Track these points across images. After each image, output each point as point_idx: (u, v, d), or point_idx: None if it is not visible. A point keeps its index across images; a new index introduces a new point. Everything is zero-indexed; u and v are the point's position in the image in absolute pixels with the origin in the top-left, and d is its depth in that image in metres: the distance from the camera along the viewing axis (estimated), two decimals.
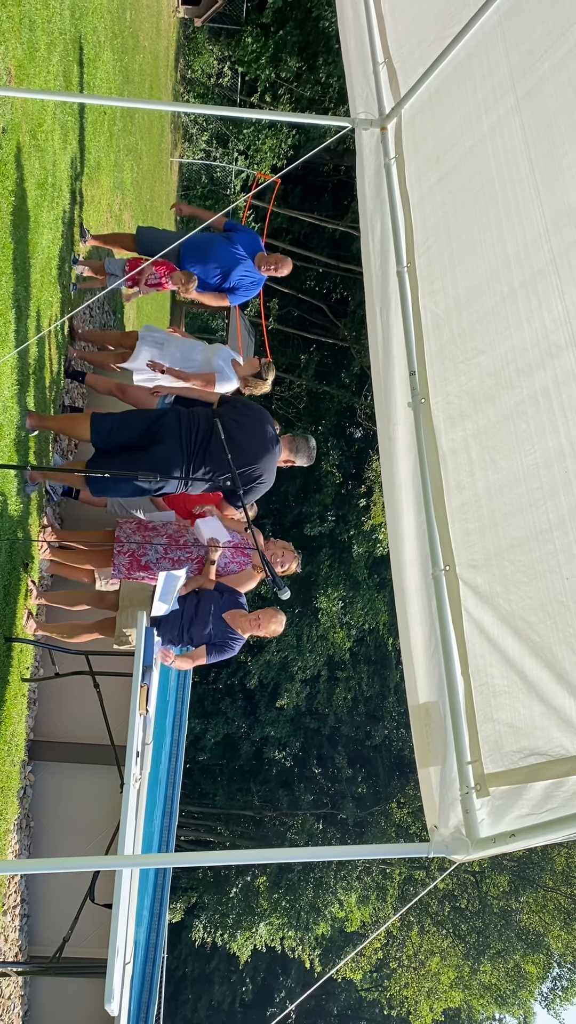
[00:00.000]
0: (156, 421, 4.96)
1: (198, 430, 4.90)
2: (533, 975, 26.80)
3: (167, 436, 4.85)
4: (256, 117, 20.04)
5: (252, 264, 6.42)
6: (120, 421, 5.04)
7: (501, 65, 3.36)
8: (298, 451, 5.34)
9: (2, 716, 4.92)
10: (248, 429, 4.98)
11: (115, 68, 9.21)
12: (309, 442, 5.42)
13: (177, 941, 28.15)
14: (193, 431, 4.88)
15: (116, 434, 4.98)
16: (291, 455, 5.31)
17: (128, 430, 4.97)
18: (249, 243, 6.48)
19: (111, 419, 5.05)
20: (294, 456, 5.33)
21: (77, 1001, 5.64)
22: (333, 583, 23.13)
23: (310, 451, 5.42)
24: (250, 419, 5.06)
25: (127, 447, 4.97)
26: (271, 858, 2.73)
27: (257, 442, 5.00)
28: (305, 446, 5.38)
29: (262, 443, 5.02)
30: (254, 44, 21.53)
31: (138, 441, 4.92)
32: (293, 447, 5.32)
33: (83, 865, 3.84)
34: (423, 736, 2.86)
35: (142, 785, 4.74)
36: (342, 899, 26.04)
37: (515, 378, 2.97)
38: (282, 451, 5.23)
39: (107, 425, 5.00)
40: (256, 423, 5.07)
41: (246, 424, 5.01)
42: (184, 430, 4.88)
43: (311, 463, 5.51)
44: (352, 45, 4.45)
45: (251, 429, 5.01)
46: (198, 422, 4.93)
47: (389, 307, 3.71)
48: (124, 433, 4.96)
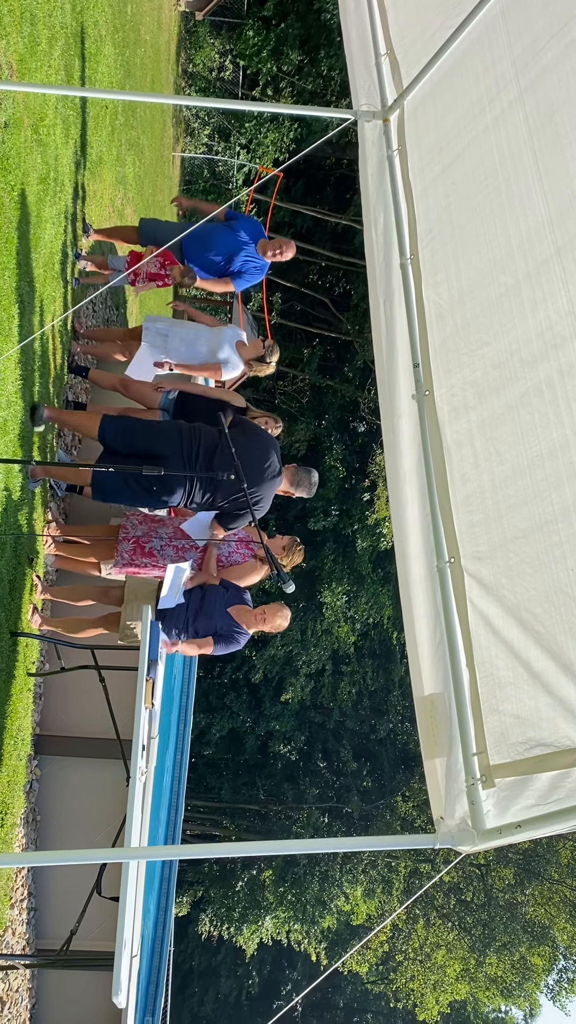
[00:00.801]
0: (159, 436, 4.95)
1: (199, 447, 4.89)
2: (539, 967, 26.84)
3: (169, 455, 4.84)
4: (258, 110, 19.97)
5: (255, 249, 6.40)
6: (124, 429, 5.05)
7: (504, 56, 3.34)
8: (299, 484, 5.38)
9: (8, 711, 4.93)
10: (251, 454, 4.97)
11: (116, 62, 9.19)
12: (311, 476, 5.45)
13: (184, 935, 28.25)
14: (195, 448, 4.89)
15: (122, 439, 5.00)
16: (291, 487, 5.35)
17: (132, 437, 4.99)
18: (251, 229, 6.47)
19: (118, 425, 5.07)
20: (294, 488, 5.37)
21: (84, 994, 5.67)
22: (337, 577, 23.12)
23: (311, 486, 5.45)
24: (255, 445, 5.06)
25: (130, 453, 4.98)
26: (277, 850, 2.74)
27: (258, 469, 5.00)
28: (307, 480, 5.41)
29: (263, 470, 5.02)
30: (255, 37, 21.46)
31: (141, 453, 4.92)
32: (295, 480, 5.35)
33: (90, 858, 3.85)
34: (429, 728, 2.87)
35: (148, 779, 4.75)
36: (348, 892, 26.09)
37: (519, 369, 2.97)
38: (284, 482, 5.26)
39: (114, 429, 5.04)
40: (260, 449, 5.07)
41: (251, 448, 5.00)
42: (185, 448, 4.88)
43: (311, 496, 5.53)
44: (354, 37, 4.44)
45: (254, 454, 5.00)
46: (200, 439, 4.93)
47: (392, 299, 3.71)
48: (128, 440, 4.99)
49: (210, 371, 6.08)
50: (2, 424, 4.61)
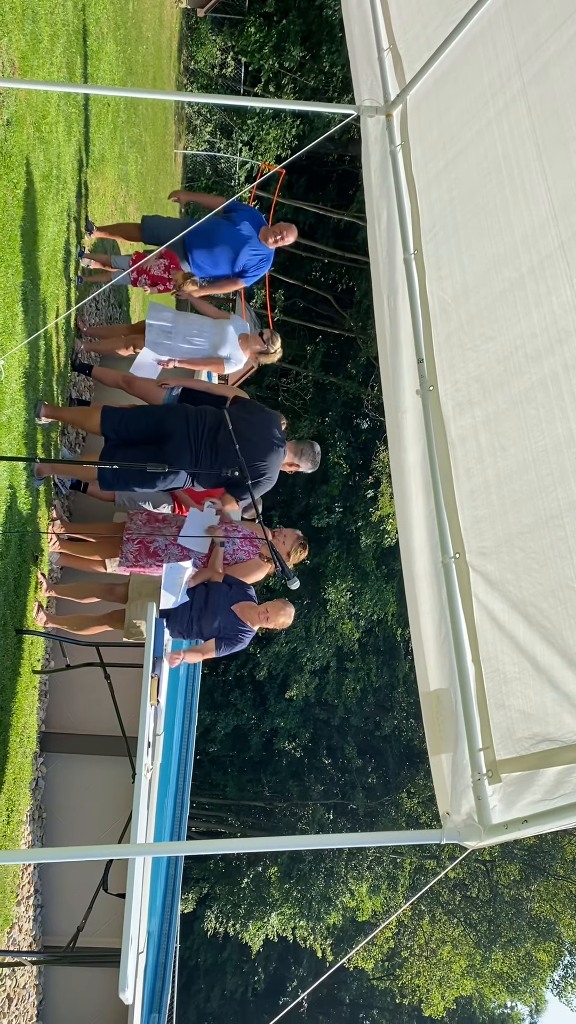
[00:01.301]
0: (163, 419, 5.04)
1: (205, 425, 5.00)
2: (544, 963, 26.87)
3: (174, 434, 4.94)
4: (260, 106, 19.94)
5: (258, 241, 6.39)
6: (130, 416, 5.10)
7: (507, 49, 3.33)
8: (303, 455, 5.43)
9: (14, 708, 4.94)
10: (255, 427, 5.09)
11: (118, 59, 9.18)
12: (314, 448, 5.51)
13: (189, 931, 28.31)
14: (201, 426, 4.99)
15: (126, 428, 5.06)
16: (295, 458, 5.40)
17: (137, 424, 5.05)
18: (252, 221, 6.46)
19: (121, 414, 5.13)
20: (299, 460, 5.42)
21: (91, 990, 5.68)
22: (341, 574, 23.12)
23: (315, 456, 5.50)
24: (258, 418, 5.16)
25: (136, 441, 5.03)
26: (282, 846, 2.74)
27: (263, 440, 5.10)
28: (310, 451, 5.46)
29: (268, 441, 5.12)
30: (257, 34, 21.41)
31: (147, 435, 4.99)
32: (298, 451, 5.42)
33: (96, 854, 3.86)
34: (434, 723, 2.86)
35: (154, 775, 4.75)
36: (353, 889, 26.12)
37: (524, 364, 2.96)
38: (287, 454, 5.30)
39: (117, 418, 5.10)
40: (263, 423, 5.17)
41: (254, 422, 5.11)
42: (192, 425, 4.99)
43: (315, 469, 5.57)
44: (356, 32, 4.43)
45: (258, 427, 5.11)
46: (205, 418, 5.03)
47: (396, 295, 3.70)
48: (133, 427, 5.04)
49: (213, 365, 6.10)
50: (6, 422, 4.61)
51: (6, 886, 4.94)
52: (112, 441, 5.12)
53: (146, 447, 5.03)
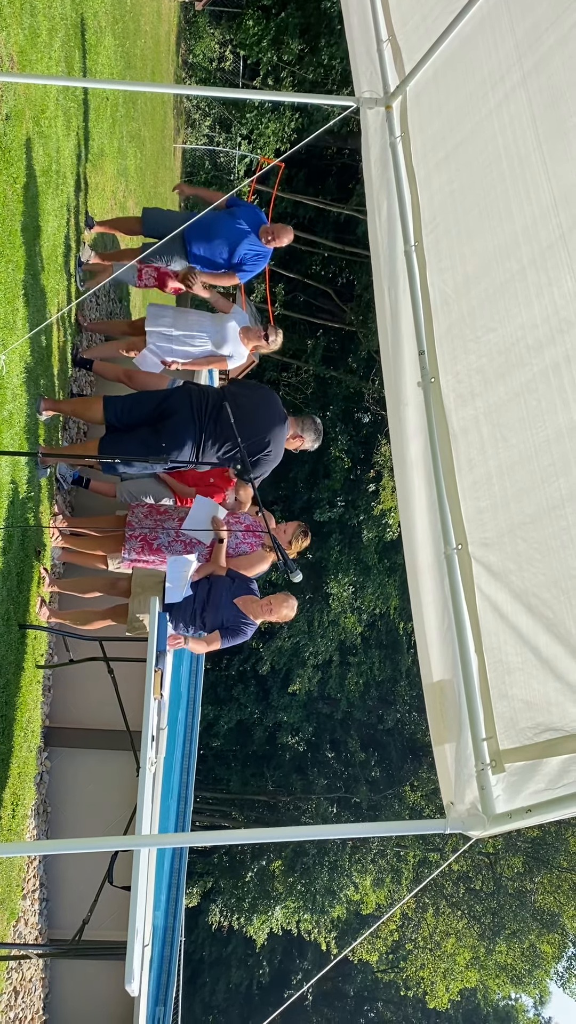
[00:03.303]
0: (167, 397, 5.11)
1: (208, 403, 5.06)
2: (548, 955, 26.91)
3: (178, 409, 5.01)
4: (259, 98, 19.88)
5: (256, 237, 6.39)
6: (133, 400, 5.16)
7: (506, 39, 3.32)
8: (305, 429, 5.47)
9: (18, 703, 4.95)
10: (257, 403, 5.17)
11: (117, 53, 9.16)
12: (316, 422, 5.57)
13: (194, 925, 28.37)
14: (203, 404, 5.04)
15: (129, 412, 5.12)
16: (298, 430, 5.44)
17: (140, 407, 5.12)
18: (252, 217, 6.46)
19: (123, 399, 5.18)
20: (302, 432, 5.45)
21: (97, 983, 5.71)
22: (343, 568, 23.11)
23: (317, 429, 5.54)
24: (259, 395, 5.24)
25: (139, 424, 5.05)
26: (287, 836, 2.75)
27: (266, 415, 5.18)
28: (312, 425, 5.52)
29: (270, 416, 5.19)
30: (255, 27, 21.33)
31: (150, 417, 5.06)
32: (300, 425, 5.47)
33: (101, 846, 3.87)
34: (438, 714, 2.87)
35: (158, 769, 4.77)
36: (357, 882, 26.17)
37: (525, 355, 2.96)
38: (290, 428, 5.35)
39: (120, 404, 5.14)
40: (265, 399, 5.25)
41: (255, 399, 5.20)
42: (195, 403, 5.04)
43: (318, 443, 5.61)
44: (355, 23, 4.42)
45: (260, 403, 5.19)
46: (207, 396, 5.10)
47: (397, 287, 3.70)
48: (136, 410, 5.11)
49: (216, 363, 6.10)
50: (7, 417, 4.62)
51: (12, 880, 4.96)
52: (115, 426, 5.15)
53: (148, 429, 5.06)
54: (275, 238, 6.42)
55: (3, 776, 4.73)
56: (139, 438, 5.03)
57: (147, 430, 5.03)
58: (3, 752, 4.73)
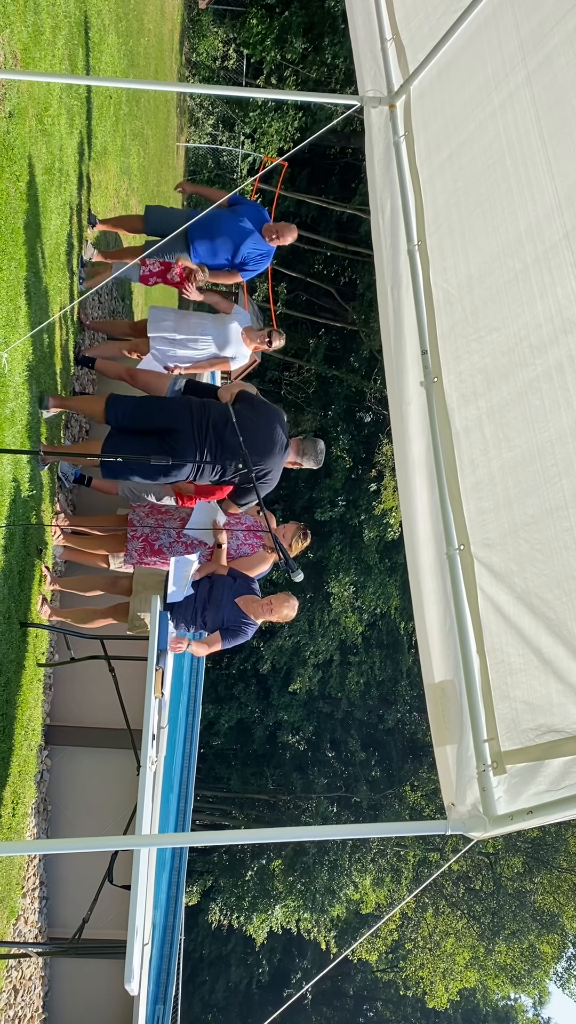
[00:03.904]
0: (169, 411, 5.03)
1: (210, 421, 4.97)
2: (548, 955, 26.92)
3: (180, 430, 4.92)
4: (262, 97, 19.83)
5: (260, 236, 6.38)
6: (135, 405, 5.09)
7: (511, 38, 3.31)
8: (306, 454, 5.41)
9: (18, 701, 4.95)
10: (259, 426, 5.05)
11: (120, 51, 9.15)
12: (317, 446, 5.49)
13: (194, 924, 28.40)
14: (205, 422, 4.96)
15: (130, 417, 5.06)
16: (298, 457, 5.39)
17: (142, 415, 5.04)
18: (255, 215, 6.45)
19: (126, 402, 5.13)
20: (301, 459, 5.40)
21: (97, 981, 5.71)
22: (344, 568, 23.12)
23: (318, 455, 5.49)
24: (262, 417, 5.12)
25: (140, 431, 5.02)
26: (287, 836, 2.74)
27: (267, 439, 5.06)
28: (313, 449, 5.44)
29: (272, 441, 5.09)
30: (259, 26, 21.32)
31: (151, 426, 4.99)
32: (301, 450, 5.39)
33: (101, 845, 3.87)
34: (439, 715, 2.86)
35: (158, 768, 4.77)
36: (357, 881, 26.18)
37: (528, 355, 2.95)
38: (291, 453, 5.30)
39: (122, 407, 5.08)
40: (268, 422, 5.12)
41: (258, 421, 5.07)
42: (196, 420, 4.96)
43: (319, 467, 5.56)
44: (359, 22, 4.41)
45: (262, 427, 5.07)
46: (210, 414, 5.00)
47: (400, 286, 3.69)
48: (138, 418, 5.04)
49: (219, 365, 6.10)
50: (10, 415, 4.61)
51: (12, 878, 4.96)
52: (116, 429, 5.12)
53: (150, 437, 5.02)
54: (279, 236, 6.41)
55: (3, 774, 4.73)
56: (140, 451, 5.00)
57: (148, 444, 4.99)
58: (4, 750, 4.73)
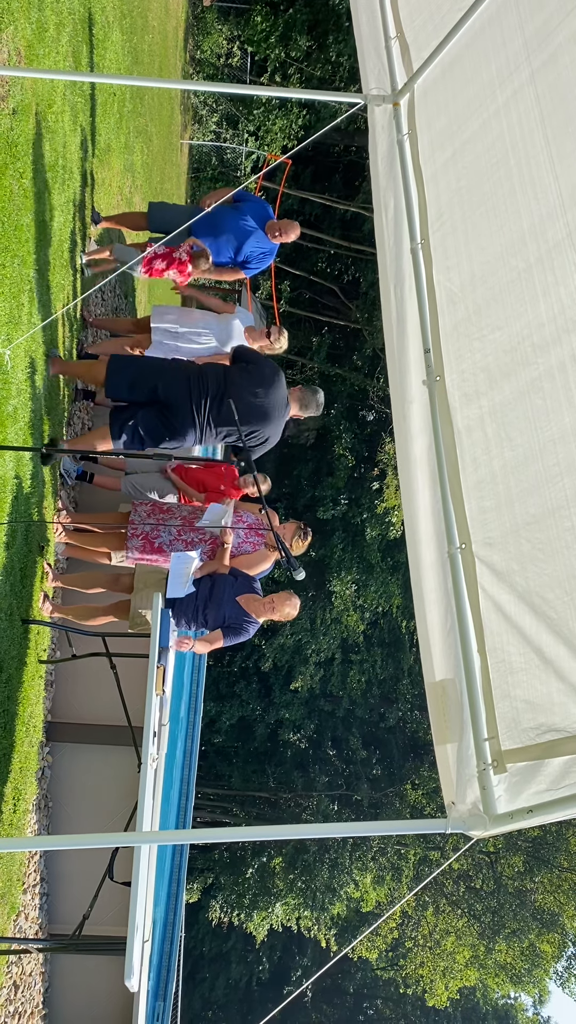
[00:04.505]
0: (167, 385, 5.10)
1: (208, 393, 5.06)
2: (548, 954, 26.92)
3: (179, 404, 5.03)
4: (266, 95, 19.84)
5: (263, 234, 6.38)
6: (134, 377, 5.17)
7: (515, 36, 3.30)
8: (307, 406, 5.54)
9: (20, 698, 4.95)
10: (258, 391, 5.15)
11: (124, 48, 9.15)
12: (317, 396, 5.61)
13: (194, 921, 28.44)
14: (204, 394, 5.05)
15: (129, 390, 5.16)
16: (300, 410, 5.51)
17: (142, 388, 5.13)
18: (259, 212, 6.44)
19: (125, 373, 5.19)
20: (303, 411, 5.52)
21: (97, 978, 5.72)
22: (346, 566, 23.12)
23: (318, 405, 5.61)
24: (261, 381, 5.20)
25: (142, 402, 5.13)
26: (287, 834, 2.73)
27: (268, 408, 5.17)
28: (313, 400, 5.57)
29: (270, 406, 5.19)
30: (263, 23, 21.30)
31: (151, 398, 5.10)
32: (302, 403, 5.51)
33: (102, 842, 3.88)
34: (440, 714, 2.86)
35: (159, 765, 4.77)
36: (357, 880, 26.20)
37: (531, 354, 2.94)
38: (291, 407, 5.41)
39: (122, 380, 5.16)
40: (267, 385, 5.20)
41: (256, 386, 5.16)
42: (195, 397, 5.05)
43: (320, 414, 5.68)
44: (363, 20, 4.40)
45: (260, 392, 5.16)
46: (208, 385, 5.09)
47: (403, 284, 3.68)
48: (137, 390, 5.14)
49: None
50: (12, 412, 4.62)
51: (12, 874, 4.97)
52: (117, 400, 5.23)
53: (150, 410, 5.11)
54: (283, 234, 6.41)
55: (5, 771, 4.74)
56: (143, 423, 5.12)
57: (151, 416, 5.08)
58: (5, 747, 4.74)
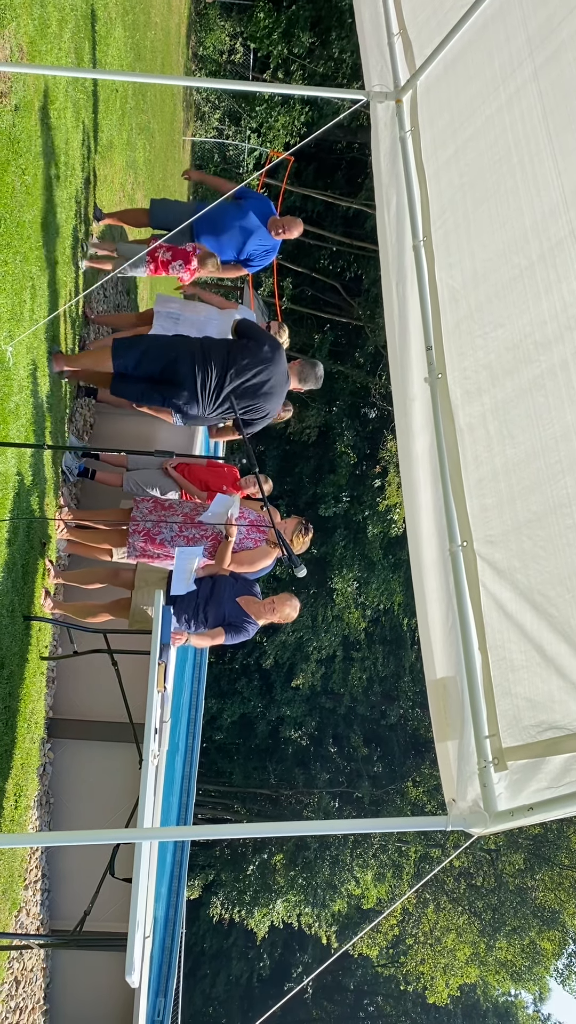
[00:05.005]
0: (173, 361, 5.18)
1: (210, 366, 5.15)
2: (548, 951, 26.95)
3: (184, 381, 5.14)
4: (269, 91, 19.80)
5: (265, 231, 6.38)
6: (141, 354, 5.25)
7: (518, 33, 3.30)
8: (305, 379, 5.66)
9: (21, 694, 4.96)
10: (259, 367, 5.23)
11: (127, 45, 9.14)
12: (316, 369, 5.71)
13: (195, 917, 28.48)
14: (207, 373, 5.14)
15: (136, 365, 5.25)
16: (299, 383, 5.62)
17: (148, 365, 5.22)
18: (261, 209, 6.44)
19: (132, 352, 5.28)
20: (302, 384, 5.63)
21: (98, 974, 5.73)
22: (348, 563, 23.11)
23: (317, 378, 5.71)
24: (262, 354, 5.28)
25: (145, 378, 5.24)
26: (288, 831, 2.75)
27: (269, 385, 5.27)
28: (312, 373, 5.67)
29: (271, 382, 5.28)
30: (266, 20, 21.25)
31: (157, 375, 5.20)
32: (301, 376, 5.63)
33: (103, 838, 3.88)
34: (441, 711, 2.87)
35: (160, 762, 4.78)
36: (358, 877, 26.24)
37: (533, 352, 2.94)
38: (291, 381, 5.52)
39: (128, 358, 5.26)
40: (268, 358, 5.28)
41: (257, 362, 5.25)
42: (200, 374, 5.14)
43: (318, 387, 5.79)
44: (366, 16, 4.39)
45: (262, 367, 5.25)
46: (210, 363, 5.17)
47: (405, 282, 3.68)
48: (144, 366, 5.24)
49: None
50: (14, 409, 4.62)
51: (14, 870, 4.98)
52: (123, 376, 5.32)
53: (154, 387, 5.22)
54: (285, 230, 6.41)
55: (6, 767, 4.74)
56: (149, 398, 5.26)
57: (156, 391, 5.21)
58: (7, 743, 4.75)
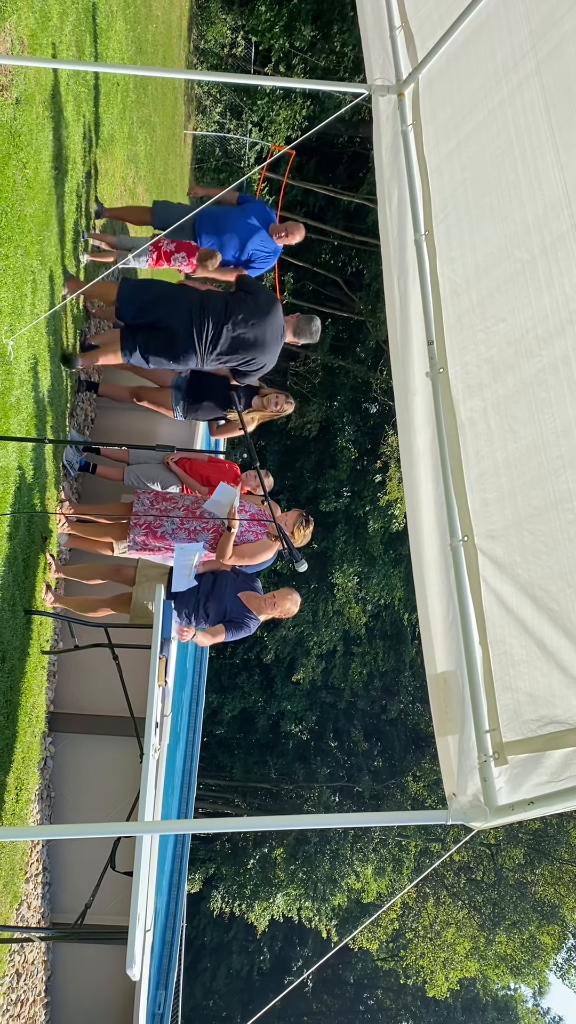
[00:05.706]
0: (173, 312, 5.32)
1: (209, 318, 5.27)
2: (548, 946, 27.02)
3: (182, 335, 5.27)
4: (271, 85, 19.72)
5: (267, 235, 6.37)
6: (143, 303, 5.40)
7: (521, 26, 3.29)
8: (301, 333, 5.73)
9: (23, 688, 4.97)
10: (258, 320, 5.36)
11: (128, 38, 9.11)
12: (312, 323, 5.76)
13: (196, 911, 28.54)
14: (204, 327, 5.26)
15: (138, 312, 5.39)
16: (295, 337, 5.71)
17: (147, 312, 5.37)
18: (262, 214, 6.44)
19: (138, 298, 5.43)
20: (298, 338, 5.72)
21: (99, 966, 5.75)
22: (349, 559, 23.11)
23: (311, 332, 5.76)
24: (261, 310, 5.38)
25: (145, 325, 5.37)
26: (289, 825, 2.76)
27: (265, 338, 5.41)
28: (307, 328, 5.73)
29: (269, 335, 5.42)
30: (267, 13, 21.16)
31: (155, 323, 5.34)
32: (296, 330, 5.70)
33: (104, 831, 3.89)
34: (441, 705, 2.87)
35: (161, 756, 4.79)
36: (358, 871, 26.28)
37: (535, 346, 2.94)
38: (287, 335, 5.62)
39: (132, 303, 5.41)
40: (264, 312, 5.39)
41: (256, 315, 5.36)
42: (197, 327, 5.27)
43: (315, 341, 5.88)
44: (368, 10, 4.38)
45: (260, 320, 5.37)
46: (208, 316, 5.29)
47: (407, 276, 3.68)
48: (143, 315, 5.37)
49: None
50: (15, 403, 4.62)
51: (15, 863, 4.99)
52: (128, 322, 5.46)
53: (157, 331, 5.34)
54: (287, 235, 6.41)
55: (7, 761, 4.75)
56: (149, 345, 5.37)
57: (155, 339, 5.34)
58: (8, 737, 4.76)
